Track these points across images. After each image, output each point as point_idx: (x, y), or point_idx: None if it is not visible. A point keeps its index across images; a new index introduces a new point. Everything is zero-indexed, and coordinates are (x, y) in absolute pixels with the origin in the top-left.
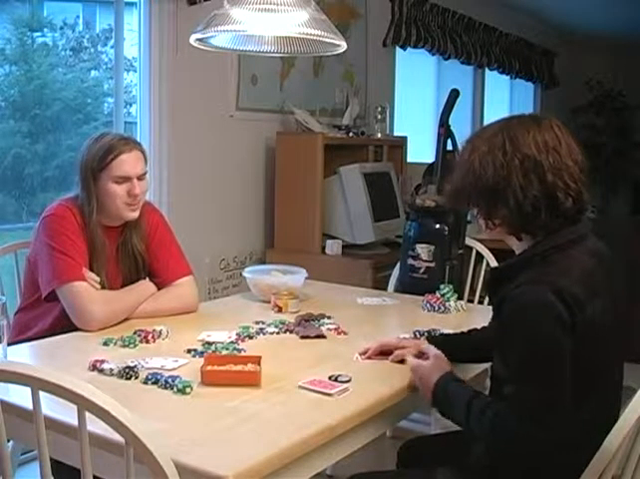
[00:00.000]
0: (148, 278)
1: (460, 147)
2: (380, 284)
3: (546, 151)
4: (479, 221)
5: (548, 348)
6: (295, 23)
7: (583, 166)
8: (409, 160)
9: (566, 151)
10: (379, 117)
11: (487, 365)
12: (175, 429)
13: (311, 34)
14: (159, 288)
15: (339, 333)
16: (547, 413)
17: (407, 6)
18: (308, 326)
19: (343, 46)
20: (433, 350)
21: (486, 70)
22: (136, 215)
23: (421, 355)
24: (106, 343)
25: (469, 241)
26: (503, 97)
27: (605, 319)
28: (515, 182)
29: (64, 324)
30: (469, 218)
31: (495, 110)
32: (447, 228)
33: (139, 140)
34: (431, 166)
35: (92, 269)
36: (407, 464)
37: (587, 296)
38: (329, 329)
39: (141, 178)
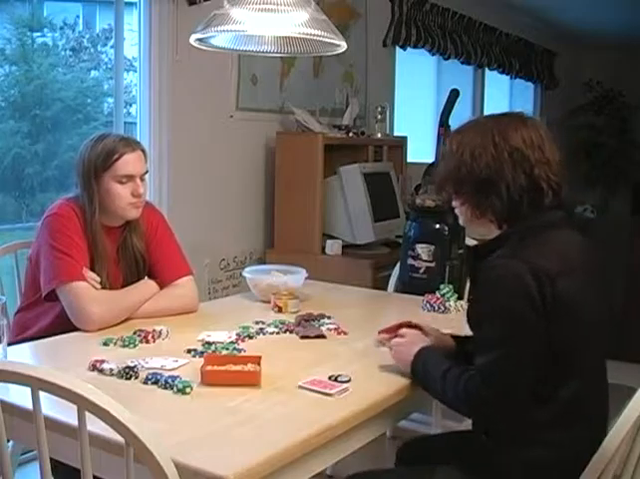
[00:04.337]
0: (148, 278)
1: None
2: (380, 284)
3: (532, 147)
4: (463, 210)
5: (515, 320)
6: (295, 23)
7: (562, 164)
8: (409, 160)
9: (549, 149)
10: (379, 117)
11: None
12: (175, 429)
13: (311, 34)
14: (159, 288)
15: (339, 333)
16: (511, 381)
17: (407, 6)
18: (308, 326)
19: (343, 46)
20: (411, 331)
21: (486, 70)
22: (138, 213)
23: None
24: (106, 343)
25: (469, 241)
26: (503, 97)
27: (582, 297)
28: (507, 173)
29: (64, 324)
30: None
31: (495, 110)
32: (447, 228)
33: (139, 140)
34: (431, 166)
35: (93, 270)
36: (405, 464)
37: (560, 272)
38: (329, 329)
39: (142, 177)
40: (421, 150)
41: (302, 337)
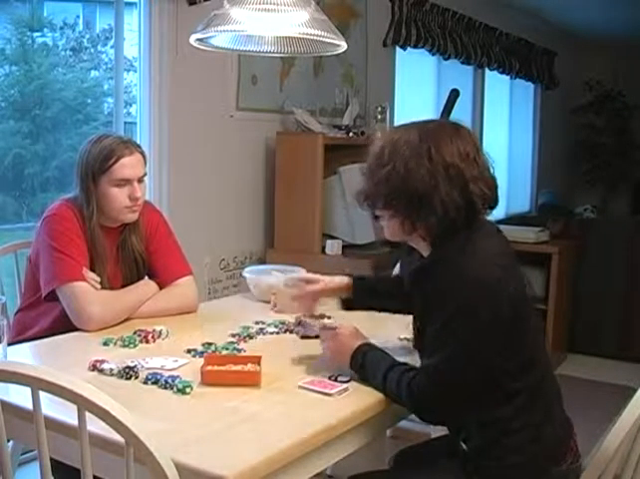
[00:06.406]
0: (147, 278)
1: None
2: None
3: (467, 161)
4: (391, 224)
5: (481, 326)
6: (295, 23)
7: (493, 172)
8: None
9: (483, 161)
10: (379, 117)
11: None
12: (175, 429)
13: (311, 34)
14: (159, 288)
15: None
16: (458, 382)
17: (407, 6)
18: (308, 326)
19: (343, 46)
20: (348, 325)
21: (487, 70)
22: (135, 217)
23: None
24: (106, 343)
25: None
26: (503, 97)
27: (526, 293)
28: (442, 189)
29: (64, 324)
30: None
31: (495, 110)
32: None
33: (139, 140)
34: None
35: (92, 270)
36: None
37: (508, 273)
38: None
39: (140, 180)
40: None
41: (302, 337)
